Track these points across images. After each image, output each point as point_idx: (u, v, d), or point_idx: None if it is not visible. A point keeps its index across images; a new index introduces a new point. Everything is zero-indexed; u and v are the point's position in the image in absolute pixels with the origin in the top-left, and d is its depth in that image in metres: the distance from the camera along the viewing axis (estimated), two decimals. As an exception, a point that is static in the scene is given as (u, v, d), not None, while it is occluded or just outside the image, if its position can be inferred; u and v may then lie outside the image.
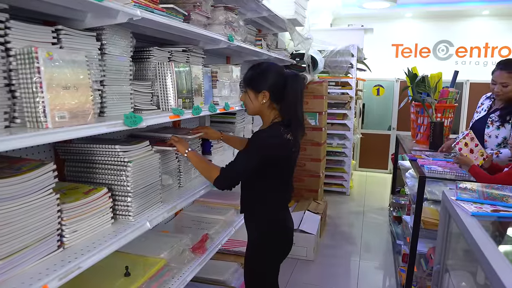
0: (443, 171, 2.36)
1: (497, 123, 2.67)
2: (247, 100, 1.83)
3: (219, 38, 2.14)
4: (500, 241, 1.40)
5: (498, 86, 2.66)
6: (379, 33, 7.10)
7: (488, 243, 1.23)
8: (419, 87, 3.31)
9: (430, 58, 7.18)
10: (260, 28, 3.65)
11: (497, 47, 6.87)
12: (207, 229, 2.26)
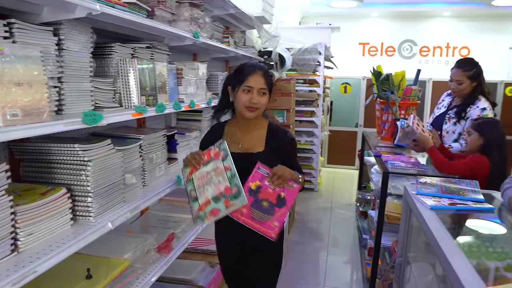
0: (406, 166, 2.43)
1: (454, 119, 2.78)
2: (265, 102, 1.82)
3: (184, 34, 2.11)
4: (456, 233, 1.45)
5: (454, 83, 2.78)
6: (347, 32, 7.22)
7: (444, 236, 1.27)
8: (384, 85, 3.39)
9: (395, 57, 7.37)
10: (228, 25, 3.64)
11: (457, 47, 7.13)
12: (174, 228, 2.23)
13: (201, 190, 1.61)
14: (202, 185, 1.62)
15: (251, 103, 1.73)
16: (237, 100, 1.76)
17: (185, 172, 1.70)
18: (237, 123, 1.86)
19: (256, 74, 1.74)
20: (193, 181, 1.64)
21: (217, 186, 1.59)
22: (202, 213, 1.57)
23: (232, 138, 1.83)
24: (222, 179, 1.58)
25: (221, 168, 1.61)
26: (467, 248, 1.47)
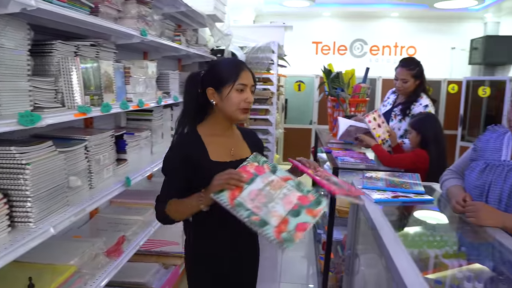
0: (355, 162, 2.50)
1: (399, 116, 2.91)
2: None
3: (131, 32, 2.06)
4: (398, 225, 1.51)
5: (399, 82, 2.90)
6: (300, 31, 7.34)
7: (385, 227, 1.32)
8: (334, 83, 3.48)
9: (347, 56, 7.58)
10: (179, 23, 3.58)
11: (405, 46, 7.44)
12: (124, 230, 2.18)
13: (265, 211, 1.28)
14: (262, 205, 1.29)
15: (247, 103, 1.51)
16: (227, 101, 1.49)
17: (223, 197, 1.29)
18: (220, 128, 1.57)
19: (246, 70, 1.52)
20: (244, 205, 1.28)
21: (285, 199, 1.32)
22: (286, 234, 1.24)
23: (221, 146, 1.55)
24: (287, 191, 1.35)
25: (277, 181, 1.37)
26: (409, 238, 1.54)
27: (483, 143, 1.70)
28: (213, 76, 1.53)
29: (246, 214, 1.24)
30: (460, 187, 1.69)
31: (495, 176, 1.55)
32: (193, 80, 1.57)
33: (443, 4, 6.11)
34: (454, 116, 6.53)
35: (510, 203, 1.49)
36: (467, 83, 6.11)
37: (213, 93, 1.51)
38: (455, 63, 7.30)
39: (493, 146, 1.64)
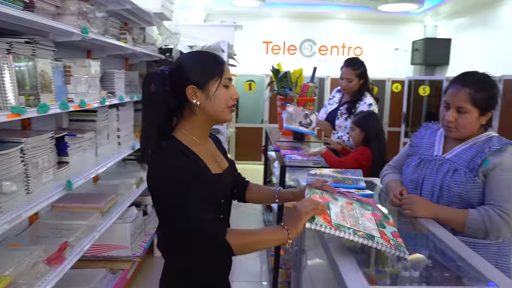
0: (302, 159, 2.56)
1: (345, 115, 3.01)
2: None
3: (70, 30, 1.98)
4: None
5: (344, 81, 3.01)
6: (251, 31, 7.39)
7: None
8: (282, 82, 3.53)
9: (297, 55, 7.72)
10: (126, 21, 3.49)
11: (352, 47, 7.70)
12: (67, 236, 2.09)
13: (363, 227, 1.25)
14: (356, 223, 1.26)
15: (234, 99, 1.32)
16: (215, 99, 1.27)
17: (320, 223, 1.19)
18: (201, 135, 1.34)
19: (225, 62, 1.34)
20: (344, 225, 1.21)
21: (365, 217, 1.32)
22: (394, 241, 1.23)
23: (208, 156, 1.36)
24: (360, 210, 1.35)
25: (346, 205, 1.35)
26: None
27: (418, 139, 1.81)
28: (193, 72, 1.27)
29: (352, 231, 1.20)
30: (397, 181, 1.78)
31: (428, 170, 1.64)
32: (157, 79, 1.26)
33: (386, 7, 6.38)
34: (397, 114, 6.84)
35: (442, 195, 1.59)
36: (409, 82, 6.43)
37: (195, 92, 1.26)
38: (399, 63, 7.66)
39: (427, 142, 1.74)
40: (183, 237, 1.22)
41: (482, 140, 1.59)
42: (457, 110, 1.55)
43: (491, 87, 1.57)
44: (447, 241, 1.33)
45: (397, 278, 1.46)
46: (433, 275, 1.27)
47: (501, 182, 1.48)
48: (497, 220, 1.44)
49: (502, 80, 4.35)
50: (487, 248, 1.54)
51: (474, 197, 1.53)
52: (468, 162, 1.55)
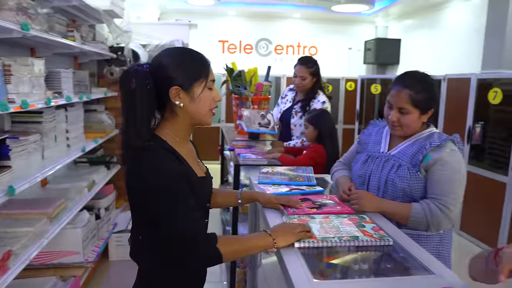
0: (257, 158, 2.57)
1: (300, 113, 3.06)
2: None
3: (8, 26, 1.88)
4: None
5: (298, 79, 3.06)
6: (207, 29, 7.34)
7: (278, 220, 1.38)
8: (237, 81, 3.53)
9: (253, 54, 7.76)
10: (74, 18, 3.36)
11: (307, 46, 7.84)
12: (11, 244, 1.98)
13: (345, 233, 1.35)
14: (338, 232, 1.36)
15: (217, 101, 1.30)
16: (199, 102, 1.24)
17: (306, 240, 1.28)
18: (183, 136, 1.30)
19: (210, 63, 1.30)
20: (328, 236, 1.31)
21: (343, 224, 1.43)
22: (378, 234, 1.36)
23: (191, 158, 1.33)
24: (337, 221, 1.45)
25: (323, 220, 1.46)
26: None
27: (365, 136, 1.86)
28: (179, 73, 1.21)
29: (337, 239, 1.29)
30: (346, 177, 1.83)
31: (374, 166, 1.70)
32: (138, 75, 1.19)
33: (339, 8, 6.54)
34: (352, 112, 7.03)
35: (387, 189, 1.65)
36: (361, 81, 6.62)
37: (178, 93, 1.21)
38: (352, 63, 7.87)
39: (374, 139, 1.80)
40: (173, 246, 1.15)
41: (424, 137, 1.65)
42: (399, 111, 1.60)
43: (431, 88, 1.62)
44: (392, 234, 1.38)
45: (348, 271, 1.51)
46: (381, 267, 1.32)
47: (441, 177, 1.54)
48: (437, 213, 1.51)
49: (446, 79, 4.57)
50: (429, 239, 1.61)
51: (417, 192, 1.60)
52: (411, 158, 1.61)
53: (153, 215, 1.16)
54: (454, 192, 1.54)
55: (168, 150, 1.21)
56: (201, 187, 1.28)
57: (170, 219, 1.13)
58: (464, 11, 5.62)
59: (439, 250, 1.64)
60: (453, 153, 1.57)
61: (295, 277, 1.00)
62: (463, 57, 5.46)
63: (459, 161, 1.57)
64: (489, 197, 3.89)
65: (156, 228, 1.14)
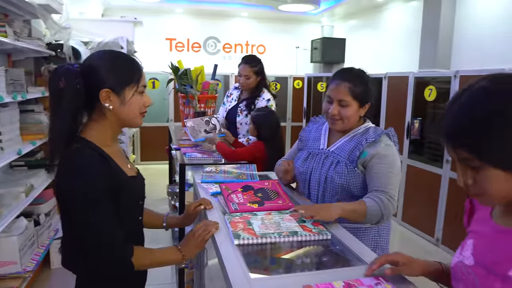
0: (202, 157, 2.56)
1: (245, 111, 3.08)
2: None
3: None
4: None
5: (242, 78, 3.07)
6: (153, 27, 7.20)
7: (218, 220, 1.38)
8: (183, 80, 3.49)
9: (202, 53, 7.70)
10: (6, 12, 3.16)
11: (255, 45, 7.90)
12: None
13: (285, 228, 1.38)
14: (278, 227, 1.39)
15: (147, 106, 1.31)
16: (129, 106, 1.25)
17: (245, 237, 1.31)
18: (112, 136, 1.30)
19: (142, 69, 1.30)
20: (268, 232, 1.35)
21: (284, 220, 1.46)
22: (317, 229, 1.40)
23: (120, 158, 1.32)
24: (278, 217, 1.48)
25: (264, 216, 1.49)
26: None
27: (306, 133, 1.90)
28: (110, 76, 1.21)
29: (276, 234, 1.33)
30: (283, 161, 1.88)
31: (315, 164, 1.74)
32: (68, 75, 1.18)
33: (286, 7, 6.64)
34: (299, 109, 7.18)
35: (326, 186, 1.69)
36: (308, 79, 6.77)
37: (108, 96, 1.21)
38: (300, 61, 8.03)
39: (314, 136, 1.85)
40: (92, 257, 1.17)
41: (361, 132, 1.71)
42: (339, 104, 1.65)
43: (367, 82, 1.69)
44: (331, 228, 1.43)
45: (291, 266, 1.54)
46: (322, 260, 1.36)
47: (379, 170, 1.60)
48: (388, 204, 1.55)
49: (386, 77, 4.78)
50: (367, 232, 1.69)
51: (355, 187, 1.65)
52: (348, 154, 1.66)
53: (68, 224, 1.17)
54: (392, 183, 1.59)
55: (94, 151, 1.20)
56: (132, 185, 1.28)
57: (88, 226, 1.14)
58: (403, 13, 5.91)
59: (377, 241, 1.71)
60: (388, 148, 1.63)
61: (232, 274, 1.00)
62: (403, 57, 5.75)
63: (394, 155, 1.64)
64: (427, 189, 4.12)
65: (72, 235, 1.17)
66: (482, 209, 0.99)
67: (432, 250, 3.98)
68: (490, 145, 0.78)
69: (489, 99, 0.79)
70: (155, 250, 1.29)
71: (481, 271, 0.88)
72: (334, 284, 0.92)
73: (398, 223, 4.60)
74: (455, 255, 0.99)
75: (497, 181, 0.80)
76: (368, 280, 0.92)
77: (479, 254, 0.90)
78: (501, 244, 0.86)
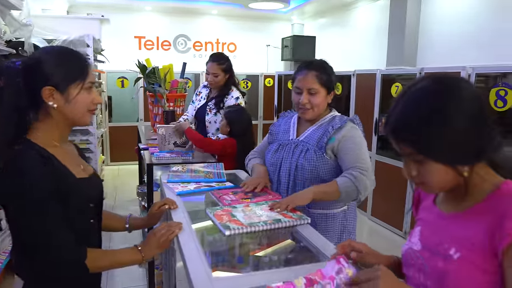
0: (171, 156, 2.52)
1: (214, 110, 3.05)
2: None
3: None
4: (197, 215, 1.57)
5: (210, 76, 3.04)
6: (121, 25, 7.06)
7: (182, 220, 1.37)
8: (151, 78, 3.44)
9: (171, 51, 7.60)
10: (-39, 8, 3.02)
11: (226, 43, 7.86)
12: None
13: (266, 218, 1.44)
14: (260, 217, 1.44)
15: (96, 103, 1.25)
16: (75, 104, 1.19)
17: (234, 228, 1.34)
18: (59, 137, 1.24)
19: (90, 64, 1.26)
20: (253, 221, 1.40)
21: (263, 210, 1.51)
22: (296, 215, 1.47)
23: (72, 160, 1.27)
24: (257, 208, 1.53)
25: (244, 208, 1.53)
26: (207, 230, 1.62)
27: (276, 127, 1.96)
28: (53, 72, 1.15)
29: (262, 223, 1.38)
30: (260, 165, 1.90)
31: (285, 153, 1.79)
32: (8, 73, 1.12)
33: (256, 5, 6.65)
34: (270, 107, 7.20)
35: (297, 174, 1.74)
36: (279, 77, 6.80)
37: (52, 94, 1.15)
38: (270, 59, 8.05)
39: (283, 129, 1.90)
40: (38, 260, 1.12)
41: (327, 121, 1.79)
42: (309, 92, 1.72)
43: (331, 70, 1.79)
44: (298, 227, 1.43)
45: (259, 263, 1.54)
46: (288, 258, 1.36)
47: (348, 149, 1.68)
48: (361, 177, 1.59)
49: (355, 74, 4.85)
50: (335, 217, 1.77)
51: (325, 173, 1.71)
52: (317, 142, 1.73)
53: (21, 223, 1.11)
54: (363, 158, 1.66)
55: (37, 152, 1.13)
56: (80, 187, 1.22)
57: (34, 228, 1.09)
58: (371, 11, 6.02)
59: (344, 225, 1.80)
60: (353, 129, 1.73)
61: (194, 274, 0.99)
62: (371, 54, 5.85)
63: (360, 136, 1.74)
64: (395, 183, 4.21)
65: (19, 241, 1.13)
66: (427, 198, 1.08)
67: (401, 243, 4.08)
68: (430, 141, 0.84)
69: (428, 98, 0.86)
70: (114, 251, 1.26)
71: (427, 254, 0.95)
72: (296, 283, 0.91)
73: (368, 218, 4.68)
74: (406, 243, 1.06)
75: (438, 174, 0.88)
76: (329, 270, 0.92)
77: (425, 239, 0.98)
78: (442, 228, 0.95)
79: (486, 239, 0.83)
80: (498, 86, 2.98)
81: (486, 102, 0.89)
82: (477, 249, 0.85)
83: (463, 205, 0.93)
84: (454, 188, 0.92)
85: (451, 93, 0.85)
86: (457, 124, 0.83)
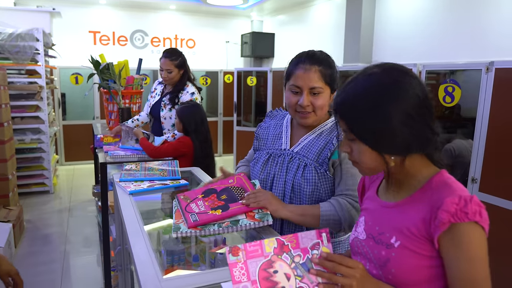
0: (126, 154, 2.46)
1: (169, 105, 3.00)
2: None
3: None
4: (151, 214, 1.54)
5: (164, 72, 3.00)
6: (74, 19, 6.81)
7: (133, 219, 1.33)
8: (105, 74, 3.33)
9: (128, 47, 7.40)
10: None
11: (184, 39, 7.74)
12: None
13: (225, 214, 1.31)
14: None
15: None
16: None
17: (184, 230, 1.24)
18: None
19: None
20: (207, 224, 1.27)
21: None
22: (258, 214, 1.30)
23: None
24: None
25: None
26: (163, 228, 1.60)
27: (263, 130, 1.62)
28: None
29: (217, 226, 1.25)
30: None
31: (277, 168, 1.46)
32: None
33: (214, 1, 6.58)
34: (230, 104, 7.17)
35: (294, 195, 1.42)
36: (238, 73, 6.78)
37: None
38: (230, 56, 8.02)
39: (273, 133, 1.56)
40: None
41: (328, 128, 1.45)
42: (311, 92, 1.38)
43: (334, 64, 1.45)
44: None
45: (215, 261, 1.52)
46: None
47: (346, 171, 1.37)
48: (348, 207, 1.32)
49: (313, 71, 4.92)
50: (340, 243, 1.48)
51: (325, 193, 1.40)
52: (317, 156, 1.40)
53: None
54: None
55: None
56: None
57: None
58: (328, 9, 6.12)
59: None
60: None
61: (143, 276, 0.96)
62: (329, 51, 5.82)
63: None
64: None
65: None
66: (370, 188, 1.11)
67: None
68: (361, 125, 0.91)
69: (371, 87, 0.91)
70: None
71: (371, 242, 0.98)
72: (266, 243, 0.84)
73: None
74: (352, 232, 1.09)
75: (365, 156, 0.93)
76: (306, 240, 0.86)
77: (369, 228, 1.01)
78: (384, 217, 0.99)
79: (423, 227, 0.88)
80: (447, 83, 3.11)
81: (430, 100, 0.92)
82: (415, 237, 0.89)
83: (401, 194, 0.97)
84: (393, 177, 0.98)
85: (394, 89, 0.89)
86: (389, 118, 0.87)
